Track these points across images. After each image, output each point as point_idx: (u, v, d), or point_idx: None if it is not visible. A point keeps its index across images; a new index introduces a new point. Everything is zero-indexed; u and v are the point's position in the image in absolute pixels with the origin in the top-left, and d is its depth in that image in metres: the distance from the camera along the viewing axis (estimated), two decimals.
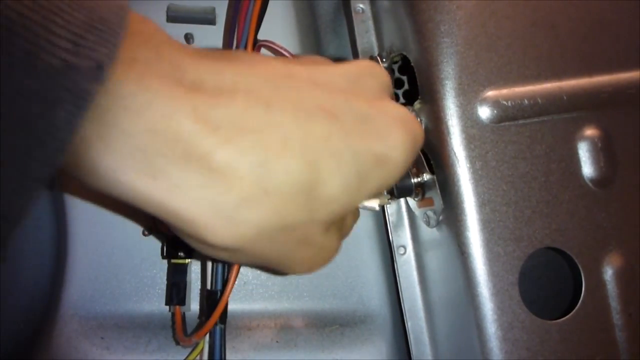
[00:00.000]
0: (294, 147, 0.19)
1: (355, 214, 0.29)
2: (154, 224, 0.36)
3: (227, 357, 0.32)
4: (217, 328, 0.32)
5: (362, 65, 0.24)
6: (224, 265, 0.32)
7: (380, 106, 0.22)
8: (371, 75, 0.24)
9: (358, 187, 0.21)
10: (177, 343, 0.36)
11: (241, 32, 0.32)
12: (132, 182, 0.18)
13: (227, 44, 0.34)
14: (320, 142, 0.20)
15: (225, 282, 0.32)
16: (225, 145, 0.18)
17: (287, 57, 0.22)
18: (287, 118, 0.19)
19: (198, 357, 0.33)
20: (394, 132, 0.22)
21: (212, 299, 0.32)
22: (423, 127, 0.33)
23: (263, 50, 0.34)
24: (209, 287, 0.32)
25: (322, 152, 0.20)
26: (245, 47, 0.33)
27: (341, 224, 0.26)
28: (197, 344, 0.33)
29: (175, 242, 0.35)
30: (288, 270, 0.24)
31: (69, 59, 0.14)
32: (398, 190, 0.34)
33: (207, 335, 0.32)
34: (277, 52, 0.35)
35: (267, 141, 0.19)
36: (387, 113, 0.22)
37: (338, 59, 0.25)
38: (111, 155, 0.17)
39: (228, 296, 0.32)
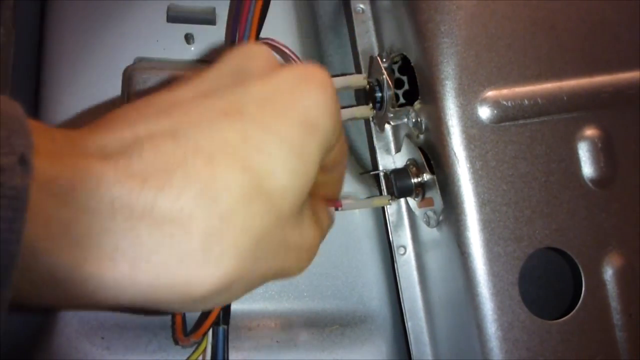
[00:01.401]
0: (219, 161, 0.18)
1: (324, 206, 0.27)
2: None
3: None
4: (220, 329, 0.32)
5: (234, 55, 0.23)
6: None
7: (274, 76, 0.21)
8: (248, 57, 0.22)
9: (301, 162, 0.20)
10: (177, 343, 0.36)
11: (242, 32, 0.32)
12: (97, 276, 0.16)
13: (229, 43, 0.34)
14: (240, 143, 0.19)
15: None
16: (161, 192, 0.17)
17: (166, 87, 0.22)
18: (198, 138, 0.18)
19: (200, 358, 0.33)
20: (300, 93, 0.21)
21: None
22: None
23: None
24: None
25: (248, 151, 0.19)
26: None
27: (314, 214, 0.24)
28: (198, 344, 0.33)
29: None
30: (281, 278, 0.23)
31: None
32: (398, 190, 0.34)
33: (210, 336, 0.32)
34: (278, 50, 0.35)
35: (193, 169, 0.18)
36: (284, 79, 0.21)
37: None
38: (60, 251, 0.16)
39: None
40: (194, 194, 0.17)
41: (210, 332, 0.33)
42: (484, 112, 0.31)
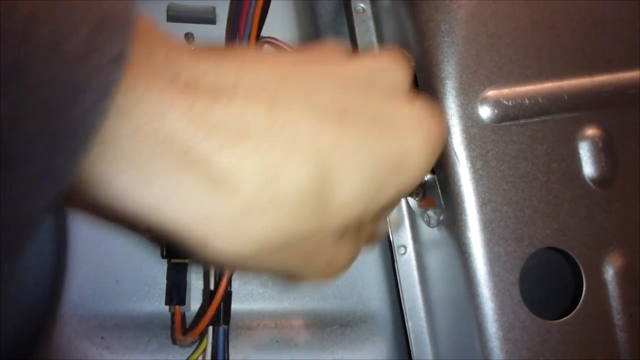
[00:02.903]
0: (301, 150, 0.17)
1: (375, 221, 0.26)
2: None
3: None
4: (221, 329, 0.32)
5: (382, 59, 0.22)
6: None
7: (400, 105, 0.21)
8: (392, 70, 0.22)
9: (374, 193, 0.19)
10: (175, 343, 0.36)
11: (243, 32, 0.32)
12: (125, 187, 0.16)
13: (230, 43, 0.34)
14: (332, 144, 0.18)
15: (218, 283, 0.32)
16: (225, 149, 0.16)
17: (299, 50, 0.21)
18: (294, 117, 0.18)
19: (201, 357, 0.33)
20: (414, 134, 0.20)
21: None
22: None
23: (266, 47, 0.34)
24: (212, 287, 0.32)
25: (334, 155, 0.18)
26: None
27: (358, 232, 0.23)
28: (199, 344, 0.33)
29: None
30: (298, 280, 0.22)
31: (91, 44, 0.14)
32: None
33: (210, 336, 0.32)
34: (279, 49, 0.35)
35: (270, 144, 0.17)
36: (407, 113, 0.21)
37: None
38: (103, 159, 0.15)
39: (220, 297, 0.31)
40: (257, 165, 0.17)
41: (210, 332, 0.33)
42: (485, 112, 0.31)
